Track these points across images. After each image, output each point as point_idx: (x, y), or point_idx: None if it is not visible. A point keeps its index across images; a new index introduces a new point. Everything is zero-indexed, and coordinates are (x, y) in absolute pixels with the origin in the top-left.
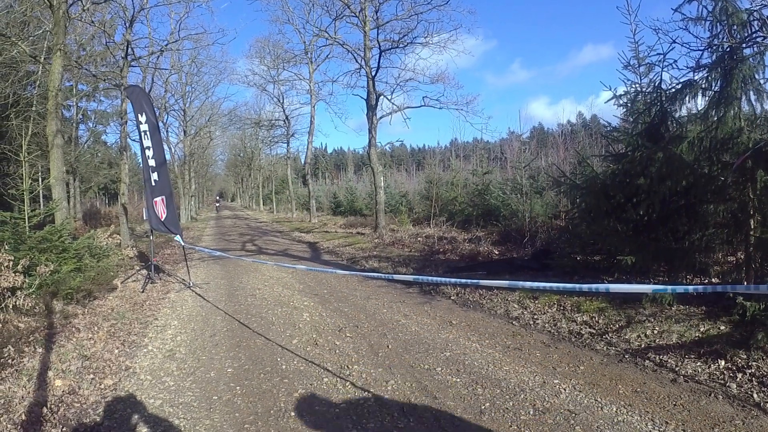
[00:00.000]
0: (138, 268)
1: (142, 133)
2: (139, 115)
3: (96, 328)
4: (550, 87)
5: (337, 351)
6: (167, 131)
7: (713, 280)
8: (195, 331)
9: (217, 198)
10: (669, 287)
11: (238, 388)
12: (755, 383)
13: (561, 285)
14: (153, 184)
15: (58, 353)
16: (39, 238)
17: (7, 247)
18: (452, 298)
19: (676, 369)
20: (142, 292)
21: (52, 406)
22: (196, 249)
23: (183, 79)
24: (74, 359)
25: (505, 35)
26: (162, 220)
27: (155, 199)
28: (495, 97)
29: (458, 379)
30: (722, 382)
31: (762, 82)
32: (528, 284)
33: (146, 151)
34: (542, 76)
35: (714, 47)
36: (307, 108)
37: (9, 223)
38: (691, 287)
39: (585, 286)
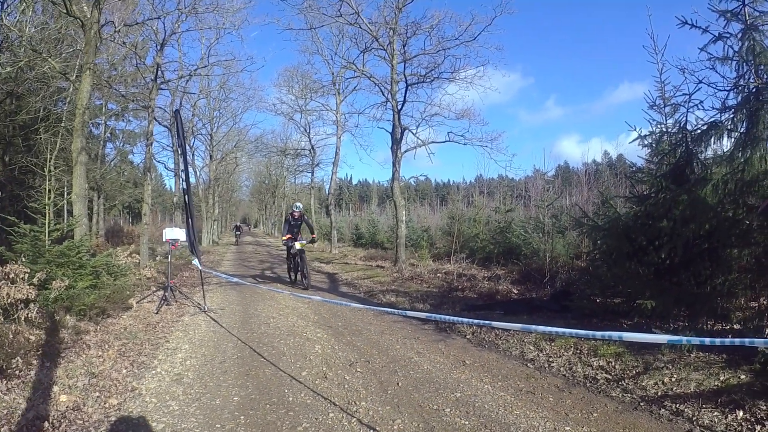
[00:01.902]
0: (154, 288)
1: (180, 157)
2: (178, 139)
3: (106, 346)
4: (583, 125)
5: (346, 386)
6: (193, 155)
7: (735, 326)
8: (205, 356)
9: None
10: (684, 338)
11: (242, 417)
12: None
13: (573, 331)
14: (186, 205)
15: (66, 368)
16: (57, 253)
17: (24, 259)
18: (467, 336)
19: (693, 419)
20: (156, 313)
21: (55, 421)
22: (214, 274)
23: (211, 103)
24: (81, 376)
25: (542, 72)
26: (189, 241)
27: (188, 221)
28: (528, 134)
29: (467, 422)
30: None
31: None
32: (540, 328)
33: (181, 174)
34: (576, 113)
35: (740, 88)
36: (332, 138)
37: (28, 235)
38: (707, 340)
39: (598, 334)
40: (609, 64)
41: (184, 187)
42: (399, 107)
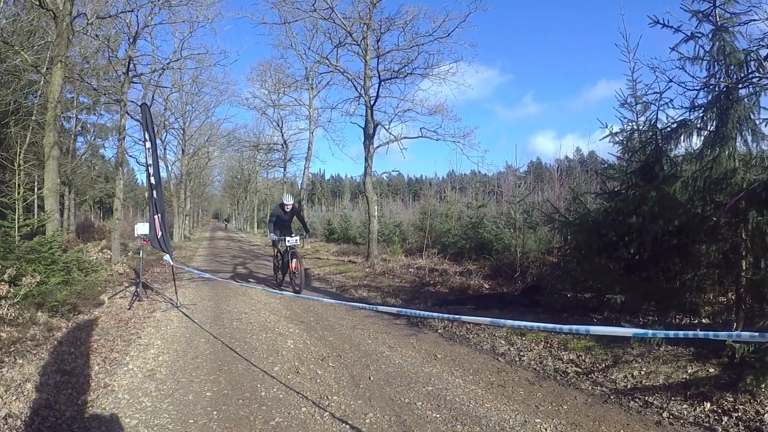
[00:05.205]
0: (126, 284)
1: (147, 151)
2: (146, 133)
3: (78, 343)
4: (559, 121)
5: (318, 380)
6: (165, 149)
7: (703, 320)
8: (177, 352)
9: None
10: (651, 331)
11: (215, 412)
12: (741, 427)
13: (542, 325)
14: (154, 201)
15: (38, 366)
16: (28, 249)
17: None
18: (439, 331)
19: (662, 411)
20: (129, 309)
21: (27, 419)
22: (186, 269)
23: (183, 97)
24: (53, 373)
25: (521, 68)
26: (158, 237)
27: (155, 216)
28: (504, 129)
29: (438, 415)
30: (708, 425)
31: (757, 122)
32: (510, 322)
33: (149, 168)
34: (553, 110)
35: (710, 87)
36: (305, 134)
37: None
38: (671, 332)
39: (566, 327)
40: (588, 62)
41: (153, 182)
42: (372, 103)
